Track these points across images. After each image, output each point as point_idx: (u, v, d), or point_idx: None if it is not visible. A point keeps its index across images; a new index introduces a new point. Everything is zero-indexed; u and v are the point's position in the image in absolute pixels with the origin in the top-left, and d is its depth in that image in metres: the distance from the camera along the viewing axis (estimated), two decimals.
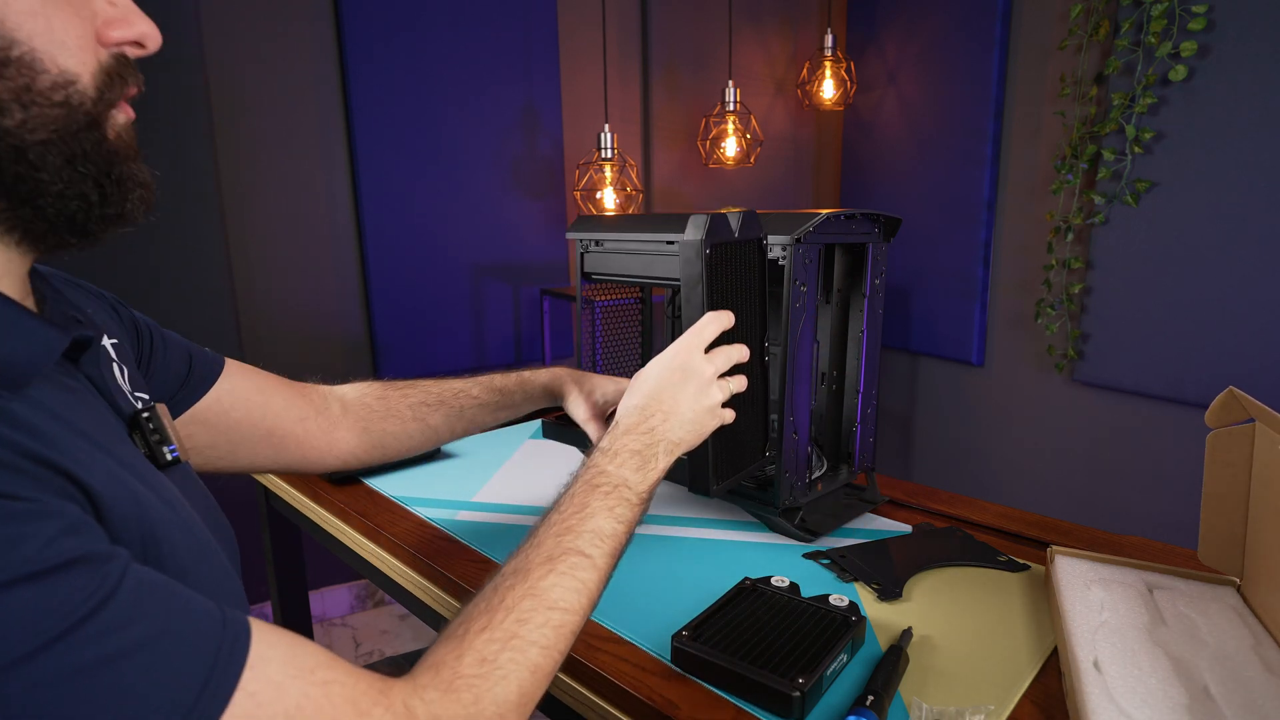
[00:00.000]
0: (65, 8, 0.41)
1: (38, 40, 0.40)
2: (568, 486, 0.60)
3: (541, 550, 0.53)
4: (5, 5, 0.39)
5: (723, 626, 0.68)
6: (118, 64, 0.44)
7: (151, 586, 0.37)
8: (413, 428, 0.83)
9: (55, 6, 0.41)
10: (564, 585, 0.52)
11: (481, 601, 0.50)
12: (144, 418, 0.52)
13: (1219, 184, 1.83)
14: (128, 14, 0.45)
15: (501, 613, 0.48)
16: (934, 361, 2.68)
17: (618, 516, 0.58)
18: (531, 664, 0.48)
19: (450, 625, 0.49)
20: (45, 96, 0.40)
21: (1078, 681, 0.60)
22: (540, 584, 0.51)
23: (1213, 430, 0.73)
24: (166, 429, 0.53)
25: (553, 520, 0.56)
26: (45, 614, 0.33)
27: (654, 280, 1.00)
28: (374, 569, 0.98)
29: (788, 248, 0.85)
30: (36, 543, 0.34)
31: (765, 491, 0.91)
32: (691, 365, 0.66)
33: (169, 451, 0.52)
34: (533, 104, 2.28)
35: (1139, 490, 2.13)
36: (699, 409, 0.66)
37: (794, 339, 0.86)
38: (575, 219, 1.07)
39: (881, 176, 2.76)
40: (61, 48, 0.41)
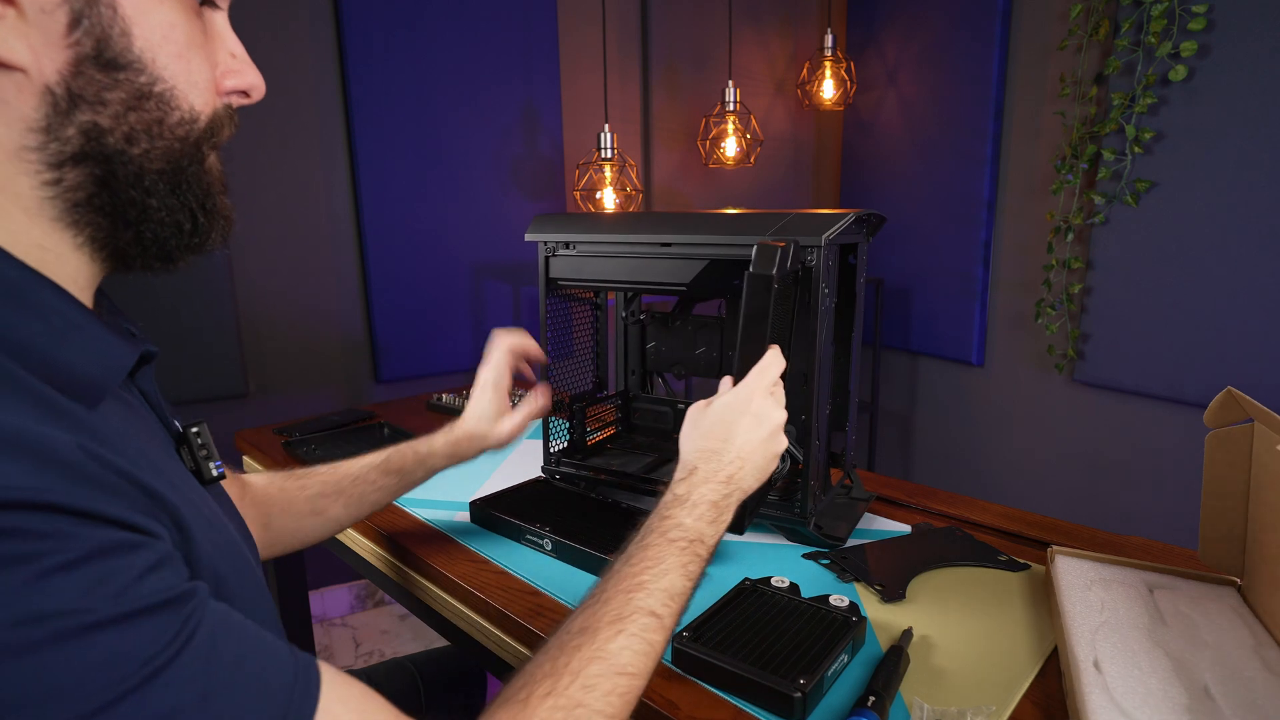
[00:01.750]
0: (201, 53, 0.45)
1: (179, 80, 0.43)
2: (640, 535, 0.57)
3: (610, 608, 0.50)
4: (158, 47, 0.42)
5: (723, 627, 0.68)
6: (226, 109, 0.48)
7: (226, 628, 0.37)
8: (310, 521, 0.80)
9: (195, 51, 0.44)
10: (633, 649, 0.49)
11: (546, 662, 0.47)
12: (193, 433, 0.53)
13: (1219, 184, 1.83)
14: (244, 66, 0.48)
15: (567, 677, 0.46)
16: (934, 361, 2.68)
17: (689, 574, 0.55)
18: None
19: (512, 685, 0.46)
20: (172, 131, 0.43)
21: (1078, 681, 0.60)
22: (608, 646, 0.48)
23: (1212, 430, 0.73)
24: (212, 445, 0.54)
25: (623, 575, 0.53)
26: (127, 661, 0.32)
27: (649, 287, 0.94)
28: (374, 569, 0.98)
29: (813, 250, 0.81)
30: (126, 578, 0.33)
31: (785, 503, 0.90)
32: (766, 411, 0.64)
33: (214, 467, 0.53)
34: (532, 104, 2.28)
35: (1139, 490, 2.13)
36: (769, 455, 0.64)
37: (820, 345, 0.83)
38: (534, 219, 0.99)
39: (881, 176, 2.76)
40: (194, 89, 0.44)
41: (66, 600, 0.31)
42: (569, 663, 0.47)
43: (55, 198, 0.40)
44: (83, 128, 0.40)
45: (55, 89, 0.39)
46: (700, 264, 0.89)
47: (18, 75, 0.38)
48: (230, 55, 0.47)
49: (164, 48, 0.42)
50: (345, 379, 2.13)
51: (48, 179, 0.40)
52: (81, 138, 0.40)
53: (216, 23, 0.47)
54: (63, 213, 0.41)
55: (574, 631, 0.49)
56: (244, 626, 0.39)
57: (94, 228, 0.43)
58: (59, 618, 0.31)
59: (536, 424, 1.33)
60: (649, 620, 0.50)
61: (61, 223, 0.41)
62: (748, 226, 0.85)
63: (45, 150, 0.39)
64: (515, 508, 0.94)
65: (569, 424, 1.09)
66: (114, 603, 0.32)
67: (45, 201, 0.40)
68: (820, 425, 0.87)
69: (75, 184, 0.41)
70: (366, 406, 1.56)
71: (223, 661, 0.36)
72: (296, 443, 1.23)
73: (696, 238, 0.88)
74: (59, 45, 0.38)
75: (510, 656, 0.77)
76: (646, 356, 1.15)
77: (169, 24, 0.42)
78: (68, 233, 0.42)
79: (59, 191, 0.40)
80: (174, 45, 0.42)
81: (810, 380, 0.84)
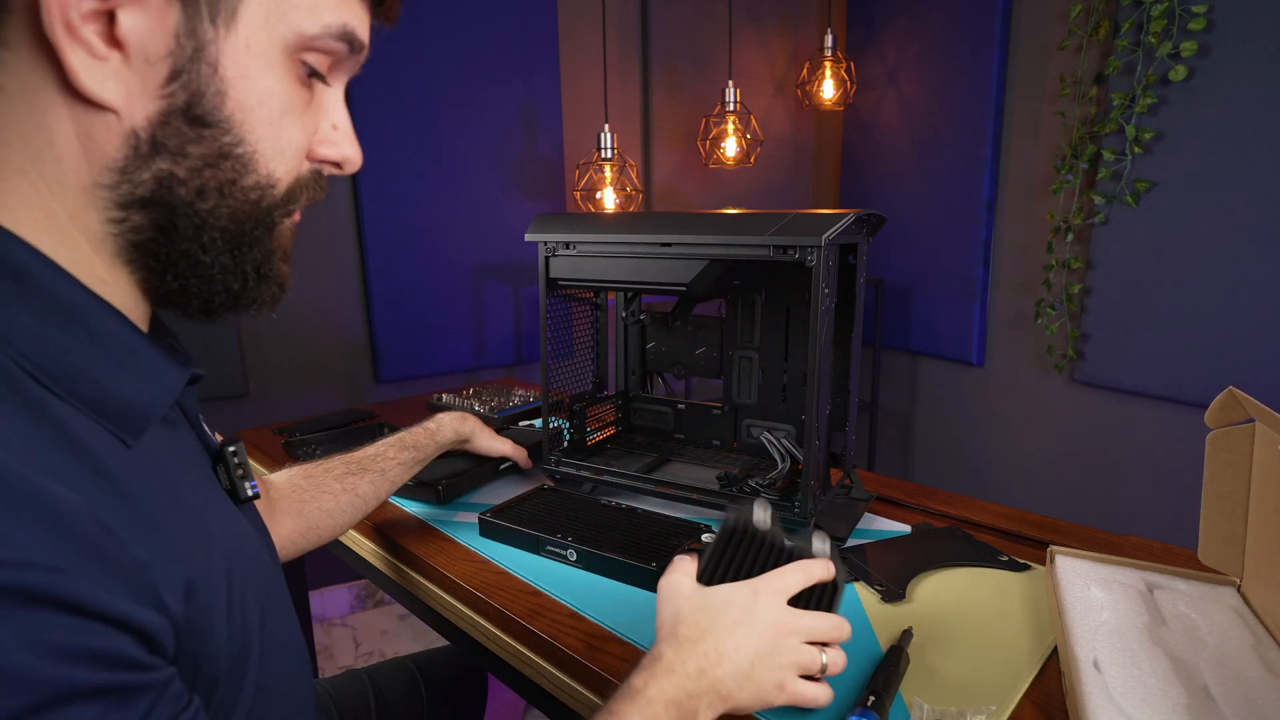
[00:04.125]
0: (298, 122, 0.44)
1: (263, 145, 0.43)
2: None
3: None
4: (250, 110, 0.42)
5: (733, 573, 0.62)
6: (313, 176, 0.47)
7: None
8: (344, 500, 0.83)
9: (290, 119, 0.44)
10: None
11: None
12: (230, 452, 0.52)
13: (1219, 184, 1.83)
14: (343, 139, 0.48)
15: None
16: (934, 361, 2.68)
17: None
18: None
19: None
20: (244, 193, 0.43)
21: (1078, 681, 0.60)
22: None
23: (1213, 430, 0.73)
24: (249, 464, 0.53)
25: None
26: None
27: (649, 287, 0.94)
28: (374, 569, 0.98)
29: (814, 250, 0.81)
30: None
31: (785, 503, 0.90)
32: (758, 608, 0.55)
33: (250, 487, 0.52)
34: (533, 104, 2.28)
35: (1139, 490, 2.13)
36: (762, 663, 0.54)
37: (819, 344, 0.83)
38: (534, 219, 1.00)
39: (881, 176, 2.76)
40: (278, 155, 0.44)
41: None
42: None
43: (118, 235, 0.41)
44: (158, 175, 0.40)
45: (140, 133, 0.39)
46: (700, 264, 0.89)
47: (109, 116, 0.38)
48: (332, 127, 0.47)
49: (257, 112, 0.42)
50: (345, 379, 2.13)
51: (114, 216, 0.40)
52: (154, 184, 0.40)
53: (326, 95, 0.47)
54: (122, 250, 0.41)
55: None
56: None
57: (145, 271, 0.43)
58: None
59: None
60: None
61: (120, 259, 0.42)
62: (748, 226, 0.85)
63: (117, 189, 0.40)
64: (527, 518, 0.92)
65: (569, 424, 1.09)
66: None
67: (109, 237, 0.41)
68: (820, 425, 0.87)
69: (137, 226, 0.41)
70: (366, 406, 1.56)
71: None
72: (296, 443, 1.23)
73: (696, 238, 0.88)
74: (154, 94, 0.39)
75: (510, 656, 0.77)
76: (646, 356, 1.15)
77: (267, 91, 0.42)
78: (125, 269, 0.42)
79: (121, 230, 0.41)
80: (268, 111, 0.42)
81: (809, 380, 0.84)
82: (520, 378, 2.39)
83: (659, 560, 0.80)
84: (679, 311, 1.10)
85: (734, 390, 1.07)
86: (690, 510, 0.98)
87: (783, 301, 1.01)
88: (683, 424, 1.13)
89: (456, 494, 1.02)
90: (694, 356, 1.10)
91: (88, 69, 0.37)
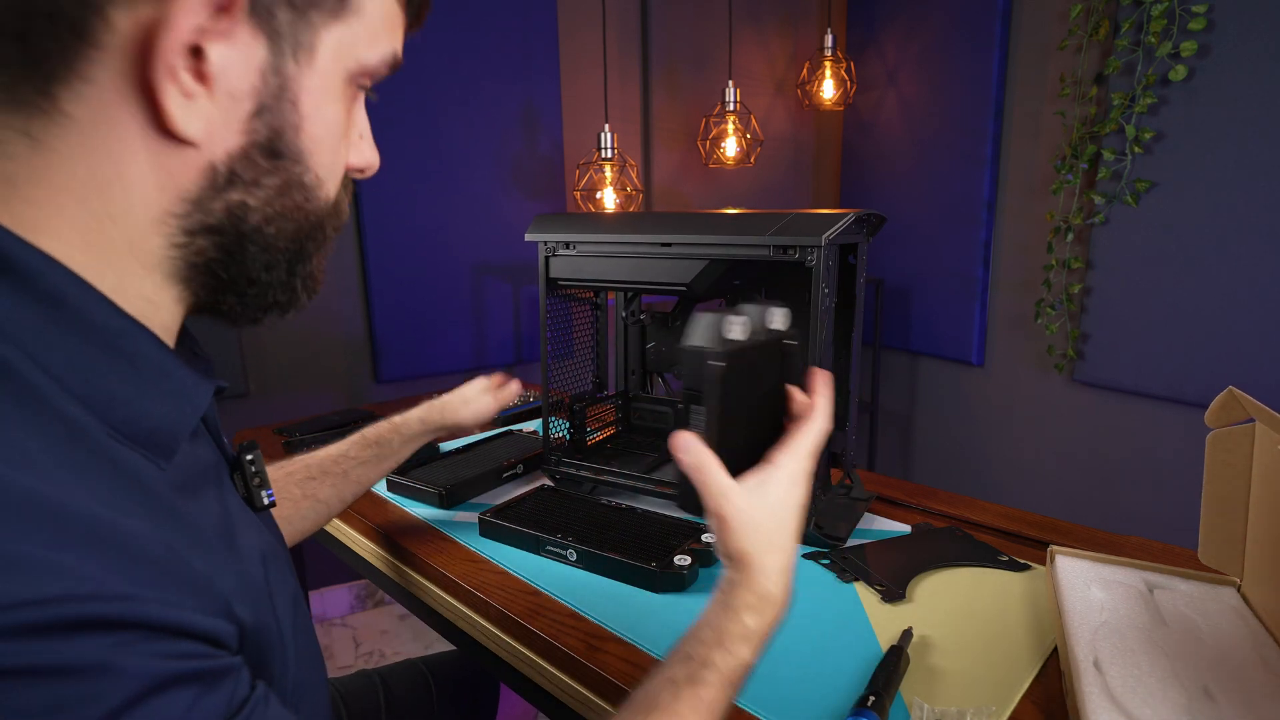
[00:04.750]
0: (345, 141, 0.46)
1: (324, 170, 0.44)
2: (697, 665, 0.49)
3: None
4: (319, 140, 0.43)
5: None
6: (346, 183, 0.49)
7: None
8: (304, 506, 0.80)
9: (342, 141, 0.45)
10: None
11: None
12: (248, 460, 0.51)
13: (1219, 184, 1.83)
14: (367, 146, 0.49)
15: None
16: (934, 361, 2.68)
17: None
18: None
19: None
20: (306, 215, 0.44)
21: (1078, 681, 0.60)
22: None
23: (1213, 430, 0.73)
24: (265, 472, 0.52)
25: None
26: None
27: (649, 287, 0.94)
28: (374, 569, 0.98)
29: (814, 250, 0.81)
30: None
31: None
32: (796, 504, 0.54)
33: (266, 495, 0.52)
34: (533, 104, 2.28)
35: (1139, 490, 2.13)
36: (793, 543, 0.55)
37: (819, 345, 0.83)
38: (534, 219, 0.99)
39: (881, 176, 2.76)
40: (333, 176, 0.45)
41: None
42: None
43: (177, 258, 0.40)
44: (230, 204, 0.40)
45: (219, 166, 0.39)
46: (700, 264, 0.89)
47: (188, 150, 0.38)
48: (359, 136, 0.48)
49: (324, 141, 0.43)
50: (345, 379, 2.13)
51: (178, 242, 0.40)
52: (225, 213, 0.40)
53: (356, 106, 0.48)
54: (177, 270, 0.41)
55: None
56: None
57: (203, 289, 0.43)
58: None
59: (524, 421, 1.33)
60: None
61: (173, 279, 0.41)
62: (748, 226, 0.85)
63: (188, 218, 0.39)
64: (527, 518, 0.93)
65: (569, 424, 1.09)
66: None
67: (167, 259, 0.40)
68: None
69: (201, 249, 0.41)
70: (366, 406, 1.56)
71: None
72: (296, 443, 1.23)
73: (696, 238, 0.88)
74: (236, 130, 0.39)
75: (510, 657, 0.77)
76: (646, 356, 1.15)
77: (334, 120, 0.44)
78: (175, 289, 0.42)
79: (183, 254, 0.40)
80: (332, 139, 0.44)
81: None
82: (520, 378, 2.39)
83: (659, 560, 0.80)
84: (679, 311, 1.10)
85: None
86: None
87: (783, 301, 1.01)
88: (683, 424, 1.13)
89: (459, 500, 1.02)
90: None
91: (179, 107, 0.36)
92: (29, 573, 0.29)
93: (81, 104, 0.35)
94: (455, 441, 1.22)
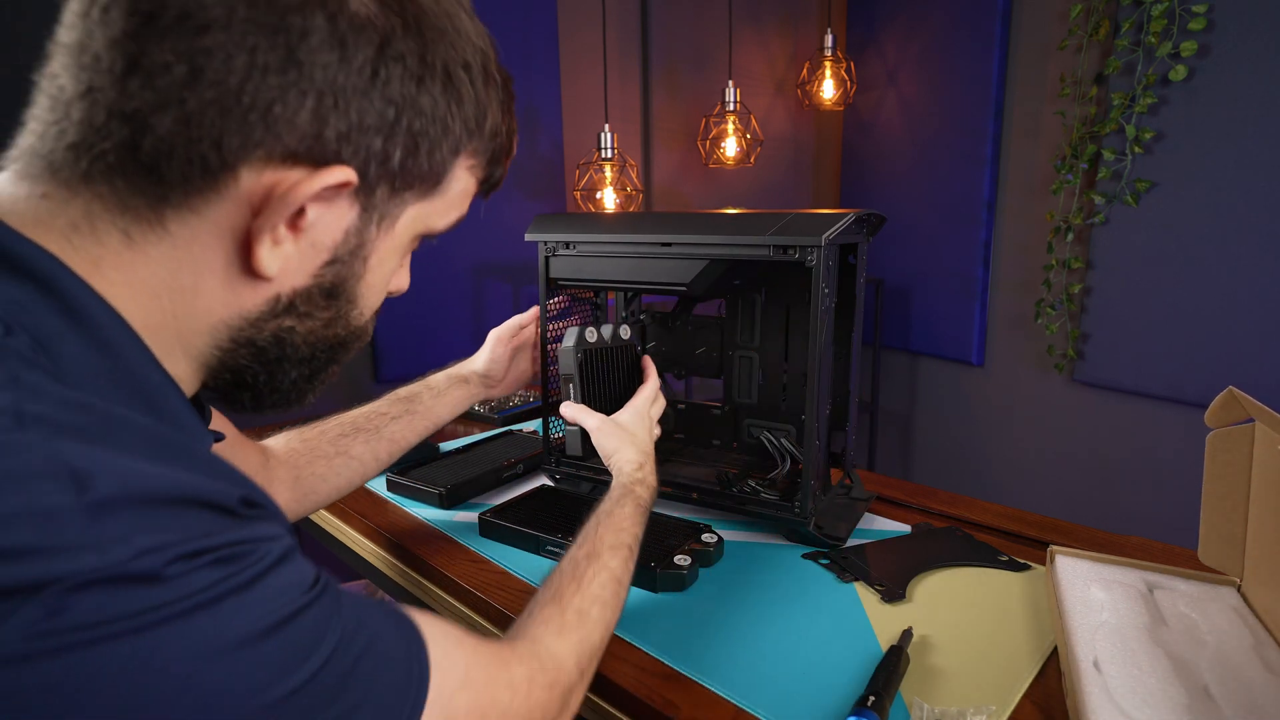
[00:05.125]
0: (390, 276, 0.50)
1: (368, 305, 0.49)
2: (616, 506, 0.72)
3: (603, 543, 0.66)
4: (373, 286, 0.47)
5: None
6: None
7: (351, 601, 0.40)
8: (338, 463, 0.82)
9: (388, 277, 0.49)
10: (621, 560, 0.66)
11: (568, 571, 0.62)
12: None
13: (1219, 184, 1.83)
14: (405, 273, 0.53)
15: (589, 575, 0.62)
16: (934, 361, 2.68)
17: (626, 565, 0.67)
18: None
19: (543, 592, 0.59)
20: (342, 339, 0.49)
21: (1078, 681, 0.60)
22: (610, 563, 0.64)
23: (1213, 430, 0.73)
24: None
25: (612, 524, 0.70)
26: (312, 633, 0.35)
27: (649, 287, 0.94)
28: (374, 569, 0.98)
29: (814, 250, 0.81)
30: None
31: (785, 503, 0.90)
32: (649, 422, 0.88)
33: None
34: (533, 104, 2.28)
35: (1139, 490, 2.13)
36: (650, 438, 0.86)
37: (819, 345, 0.83)
38: (534, 219, 1.00)
39: (881, 176, 2.76)
40: (373, 308, 0.50)
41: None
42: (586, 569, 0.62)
43: (216, 357, 0.44)
44: (280, 329, 0.44)
45: (282, 298, 0.43)
46: (700, 264, 0.89)
47: (261, 282, 0.42)
48: (401, 266, 0.52)
49: (377, 285, 0.48)
50: (345, 379, 2.13)
51: (224, 347, 0.43)
52: (273, 335, 0.44)
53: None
54: (211, 364, 0.44)
55: (580, 558, 0.63)
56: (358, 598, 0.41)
57: (226, 383, 0.46)
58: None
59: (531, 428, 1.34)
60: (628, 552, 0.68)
61: (204, 368, 0.44)
62: (748, 226, 0.85)
63: (240, 332, 0.43)
64: (527, 518, 0.92)
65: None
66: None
67: (206, 354, 0.43)
68: (820, 425, 0.87)
69: (241, 356, 0.44)
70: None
71: (365, 626, 0.38)
72: None
73: (696, 238, 0.88)
74: (307, 273, 0.43)
75: None
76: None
77: (391, 269, 0.49)
78: (203, 374, 0.44)
79: (222, 356, 0.44)
80: (384, 284, 0.49)
81: (809, 380, 0.84)
82: None
83: (658, 560, 0.80)
84: (679, 311, 1.10)
85: (734, 390, 1.07)
86: (690, 510, 0.98)
87: (783, 301, 1.01)
88: (683, 424, 1.13)
89: (459, 500, 1.02)
90: (694, 356, 1.10)
91: (267, 251, 0.40)
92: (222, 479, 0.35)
93: (184, 228, 0.39)
94: (455, 441, 1.22)
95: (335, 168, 0.39)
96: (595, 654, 0.57)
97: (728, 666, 0.66)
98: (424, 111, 0.42)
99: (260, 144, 0.37)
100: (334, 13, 0.38)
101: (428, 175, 0.45)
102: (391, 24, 0.40)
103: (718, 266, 0.89)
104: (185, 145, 0.36)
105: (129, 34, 0.35)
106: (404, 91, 0.41)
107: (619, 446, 0.81)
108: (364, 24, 0.39)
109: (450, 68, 0.43)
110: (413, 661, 0.40)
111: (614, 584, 0.62)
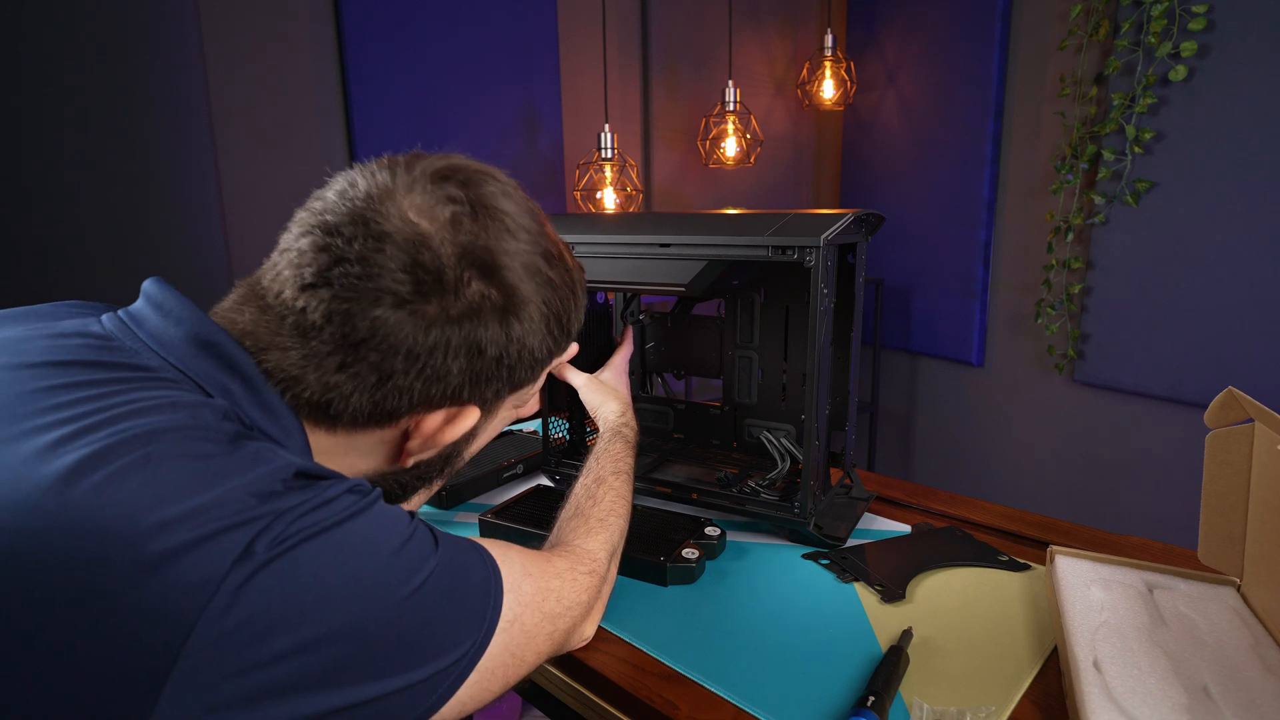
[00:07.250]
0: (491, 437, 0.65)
1: (466, 459, 0.64)
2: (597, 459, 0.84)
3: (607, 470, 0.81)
4: (473, 451, 0.63)
5: None
6: None
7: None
8: None
9: (489, 439, 0.64)
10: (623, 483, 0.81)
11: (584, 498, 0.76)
12: None
13: (1219, 184, 1.83)
14: (534, 400, 0.66)
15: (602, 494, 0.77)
16: (934, 361, 2.68)
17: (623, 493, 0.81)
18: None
19: (565, 511, 0.76)
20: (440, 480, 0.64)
21: (1078, 681, 0.60)
22: (615, 483, 0.79)
23: (1212, 430, 0.73)
24: None
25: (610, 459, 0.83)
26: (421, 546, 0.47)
27: (649, 287, 0.92)
28: None
29: (812, 250, 0.80)
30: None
31: (785, 503, 0.90)
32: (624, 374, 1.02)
33: None
34: (533, 104, 2.28)
35: (1139, 490, 2.13)
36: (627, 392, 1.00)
37: (819, 345, 0.83)
38: None
39: (881, 176, 2.76)
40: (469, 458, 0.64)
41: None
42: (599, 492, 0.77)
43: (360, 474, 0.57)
44: (404, 479, 0.59)
45: (411, 464, 0.57)
46: (700, 264, 0.89)
47: (400, 442, 0.55)
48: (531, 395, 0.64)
49: (477, 448, 0.63)
50: None
51: (369, 475, 0.56)
52: (396, 479, 0.58)
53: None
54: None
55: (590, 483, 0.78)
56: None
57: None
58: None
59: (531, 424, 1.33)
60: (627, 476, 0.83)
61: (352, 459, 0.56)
62: (747, 226, 0.85)
63: (375, 471, 0.57)
64: (527, 518, 0.92)
65: (568, 424, 1.09)
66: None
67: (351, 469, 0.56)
68: (820, 425, 0.87)
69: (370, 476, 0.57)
70: None
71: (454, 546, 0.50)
72: None
73: (696, 238, 0.87)
74: (433, 452, 0.57)
75: None
76: (646, 356, 1.15)
77: (493, 431, 0.62)
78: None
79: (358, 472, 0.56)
80: (483, 444, 0.63)
81: (809, 380, 0.84)
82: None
83: (665, 553, 0.80)
84: (679, 311, 1.10)
85: (734, 390, 1.07)
86: (690, 510, 0.98)
87: (782, 301, 1.01)
88: (683, 424, 1.13)
89: (459, 500, 1.02)
90: (694, 356, 1.10)
91: (412, 456, 0.56)
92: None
93: (363, 437, 0.53)
94: None
95: (469, 410, 0.54)
96: (617, 549, 0.72)
97: (728, 666, 0.66)
98: (535, 352, 0.56)
99: (423, 402, 0.52)
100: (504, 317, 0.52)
101: (532, 380, 0.59)
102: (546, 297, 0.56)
103: (716, 267, 0.89)
104: (372, 409, 0.51)
105: (338, 347, 0.49)
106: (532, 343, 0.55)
107: (604, 400, 0.92)
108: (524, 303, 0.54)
109: (569, 327, 0.59)
110: (486, 561, 0.52)
111: (621, 500, 0.78)
